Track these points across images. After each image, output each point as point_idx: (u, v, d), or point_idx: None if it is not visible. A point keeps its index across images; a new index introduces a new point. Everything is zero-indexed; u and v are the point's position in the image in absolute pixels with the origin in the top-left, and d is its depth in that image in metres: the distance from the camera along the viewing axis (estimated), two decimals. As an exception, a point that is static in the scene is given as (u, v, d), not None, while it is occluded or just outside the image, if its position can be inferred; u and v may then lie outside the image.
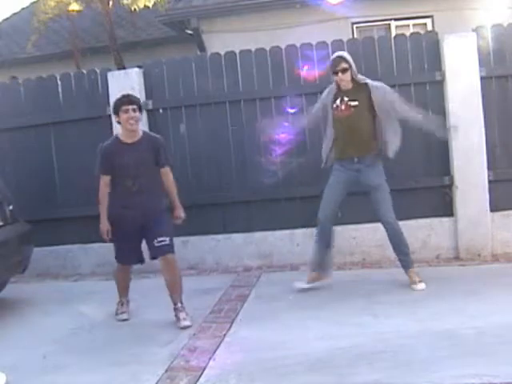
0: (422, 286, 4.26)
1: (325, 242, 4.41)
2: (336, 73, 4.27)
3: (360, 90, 4.29)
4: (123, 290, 4.21)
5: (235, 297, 4.46)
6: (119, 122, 3.93)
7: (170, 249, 3.93)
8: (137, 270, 5.56)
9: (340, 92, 4.32)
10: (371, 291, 4.32)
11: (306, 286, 4.46)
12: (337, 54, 4.39)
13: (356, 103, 4.25)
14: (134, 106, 3.88)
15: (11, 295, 4.89)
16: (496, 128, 5.19)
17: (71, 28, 10.81)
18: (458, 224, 5.18)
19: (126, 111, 3.84)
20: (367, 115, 4.26)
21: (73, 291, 5.09)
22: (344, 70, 4.25)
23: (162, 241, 3.88)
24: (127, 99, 3.91)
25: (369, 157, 4.30)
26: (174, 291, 3.95)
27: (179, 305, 3.93)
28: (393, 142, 4.29)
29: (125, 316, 4.12)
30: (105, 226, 3.94)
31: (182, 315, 3.86)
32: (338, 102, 4.31)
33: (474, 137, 5.08)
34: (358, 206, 5.01)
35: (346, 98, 4.28)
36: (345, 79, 4.27)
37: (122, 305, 4.19)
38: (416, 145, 5.30)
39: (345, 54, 4.39)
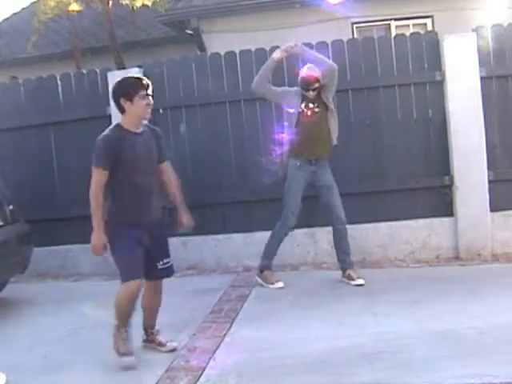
0: (361, 280, 4.46)
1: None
2: (308, 90, 4.47)
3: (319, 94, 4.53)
4: (129, 317, 3.30)
5: (235, 297, 4.46)
6: (123, 110, 3.22)
7: (172, 272, 3.44)
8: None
9: (305, 97, 4.50)
10: (371, 291, 4.32)
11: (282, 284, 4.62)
12: (310, 71, 4.50)
13: (319, 109, 4.49)
14: (150, 92, 3.29)
15: (11, 295, 4.89)
16: (496, 128, 5.19)
17: (71, 28, 10.80)
18: (457, 224, 5.18)
19: (144, 97, 3.21)
20: (325, 118, 4.51)
21: (73, 291, 5.09)
22: (315, 89, 4.47)
23: (167, 262, 3.36)
24: (144, 83, 3.25)
25: (324, 159, 4.54)
26: (156, 314, 3.47)
27: (157, 328, 3.48)
28: (335, 130, 4.53)
29: (133, 359, 3.23)
30: (101, 239, 3.12)
31: (163, 338, 3.45)
32: (303, 106, 4.49)
33: (474, 137, 5.08)
34: (357, 207, 5.02)
35: (310, 105, 4.48)
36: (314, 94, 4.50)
37: (125, 339, 3.27)
38: (416, 145, 5.31)
39: (317, 69, 4.51)
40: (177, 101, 5.59)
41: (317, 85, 4.45)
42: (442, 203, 5.28)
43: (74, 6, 10.08)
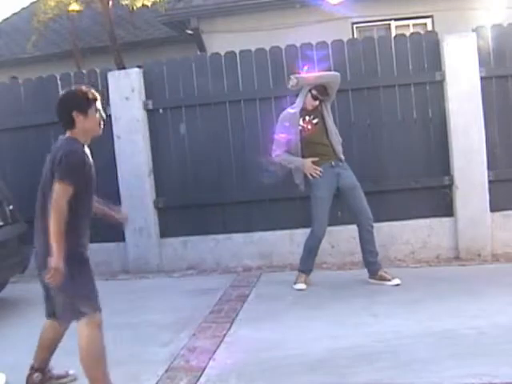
0: (397, 280, 4.42)
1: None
2: (316, 99, 4.46)
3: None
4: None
5: (235, 297, 4.46)
6: (73, 123, 2.80)
7: None
8: (137, 269, 5.57)
9: (302, 111, 4.50)
10: (371, 291, 4.32)
11: (304, 286, 4.54)
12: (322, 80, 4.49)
13: (317, 119, 4.50)
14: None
15: (11, 295, 4.89)
16: (496, 128, 5.19)
17: (71, 28, 10.81)
18: (457, 224, 5.18)
19: (97, 110, 2.86)
20: (324, 123, 4.52)
21: (73, 291, 5.09)
22: (323, 100, 4.49)
23: None
24: (96, 95, 2.88)
25: (342, 160, 4.54)
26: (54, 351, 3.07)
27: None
28: (334, 128, 4.56)
29: None
30: (60, 262, 2.58)
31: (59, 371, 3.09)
32: (301, 123, 4.49)
33: (474, 137, 5.08)
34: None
35: (307, 118, 4.50)
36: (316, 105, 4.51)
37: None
38: (416, 145, 5.31)
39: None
40: (177, 101, 5.59)
41: (326, 95, 4.48)
42: (442, 203, 5.28)
43: (74, 6, 10.09)
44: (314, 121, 4.50)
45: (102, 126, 2.92)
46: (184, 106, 5.59)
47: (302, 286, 4.54)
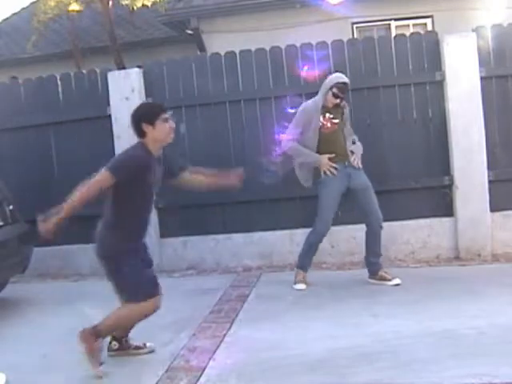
0: (397, 280, 4.42)
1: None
2: (337, 97, 4.38)
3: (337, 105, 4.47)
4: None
5: (235, 297, 4.46)
6: (143, 133, 3.15)
7: None
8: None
9: (323, 108, 4.43)
10: (371, 291, 4.33)
11: (304, 287, 4.53)
12: (343, 78, 4.43)
13: (337, 120, 4.45)
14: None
15: (11, 295, 4.89)
16: (496, 128, 5.19)
17: (71, 28, 10.81)
18: (457, 224, 5.18)
19: (166, 120, 3.16)
20: (342, 125, 4.51)
21: (73, 291, 5.09)
22: (343, 98, 4.43)
23: None
24: (163, 106, 3.28)
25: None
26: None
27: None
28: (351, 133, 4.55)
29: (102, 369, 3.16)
30: (51, 225, 2.99)
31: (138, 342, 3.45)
32: (321, 119, 4.42)
33: (474, 136, 5.08)
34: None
35: (328, 115, 4.43)
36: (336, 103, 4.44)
37: (101, 350, 3.22)
38: (416, 145, 5.31)
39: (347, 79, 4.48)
40: (177, 101, 5.59)
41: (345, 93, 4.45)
42: (441, 203, 5.28)
43: (74, 6, 10.09)
44: (335, 120, 4.45)
45: (172, 135, 3.21)
46: (184, 106, 5.58)
47: (301, 286, 4.54)
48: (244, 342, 3.50)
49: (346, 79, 4.43)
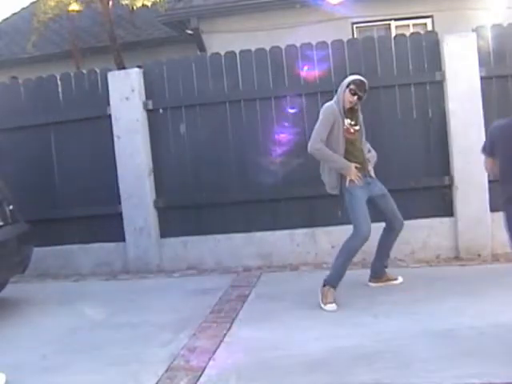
0: (400, 278, 4.46)
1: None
2: (356, 95, 4.10)
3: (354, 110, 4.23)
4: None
5: (235, 297, 4.46)
6: None
7: None
8: (137, 269, 5.58)
9: (343, 113, 4.16)
10: (371, 291, 4.33)
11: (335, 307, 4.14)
12: (361, 78, 4.17)
13: (358, 127, 4.23)
14: None
15: (12, 295, 4.89)
16: (496, 128, 5.18)
17: (71, 28, 10.82)
18: (457, 224, 5.18)
19: None
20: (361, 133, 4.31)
21: (73, 291, 5.10)
22: (361, 98, 4.13)
23: None
24: None
25: (370, 170, 4.33)
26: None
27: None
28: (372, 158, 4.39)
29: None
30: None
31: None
32: (347, 123, 4.17)
33: (474, 137, 5.07)
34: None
35: (348, 121, 4.17)
36: (354, 102, 4.16)
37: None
38: (416, 145, 5.31)
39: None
40: (177, 101, 5.59)
41: (364, 92, 4.13)
42: (441, 203, 5.28)
43: (74, 6, 10.10)
44: (356, 127, 4.21)
45: None
46: (184, 106, 5.58)
47: (333, 306, 3.98)
48: (244, 341, 3.50)
49: (363, 79, 4.16)
